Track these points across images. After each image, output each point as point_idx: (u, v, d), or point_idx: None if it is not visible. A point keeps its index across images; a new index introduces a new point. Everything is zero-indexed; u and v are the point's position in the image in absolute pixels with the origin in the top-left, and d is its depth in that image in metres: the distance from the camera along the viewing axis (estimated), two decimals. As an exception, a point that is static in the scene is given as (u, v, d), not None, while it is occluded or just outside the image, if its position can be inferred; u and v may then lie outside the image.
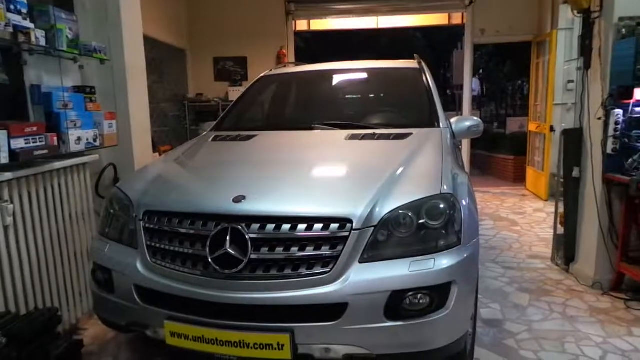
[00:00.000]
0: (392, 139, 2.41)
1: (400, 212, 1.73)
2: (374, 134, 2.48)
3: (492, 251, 3.99)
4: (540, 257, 3.83)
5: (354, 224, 1.67)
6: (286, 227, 1.67)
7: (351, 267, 1.65)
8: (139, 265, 1.84)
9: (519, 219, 5.08)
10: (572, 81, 5.90)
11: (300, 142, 2.53)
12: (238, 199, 1.76)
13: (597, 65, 3.11)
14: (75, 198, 2.61)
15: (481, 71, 20.32)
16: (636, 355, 2.32)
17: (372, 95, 3.22)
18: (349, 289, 1.62)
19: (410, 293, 1.64)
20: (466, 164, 6.61)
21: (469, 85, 6.96)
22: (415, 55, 3.51)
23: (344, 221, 1.68)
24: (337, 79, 3.36)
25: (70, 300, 2.56)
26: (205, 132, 3.07)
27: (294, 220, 1.68)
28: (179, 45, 6.53)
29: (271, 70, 3.67)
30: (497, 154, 8.84)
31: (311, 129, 2.71)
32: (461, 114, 7.95)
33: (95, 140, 2.71)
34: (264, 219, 1.70)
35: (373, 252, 1.68)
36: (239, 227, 1.68)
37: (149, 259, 1.83)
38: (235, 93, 6.47)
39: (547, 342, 2.45)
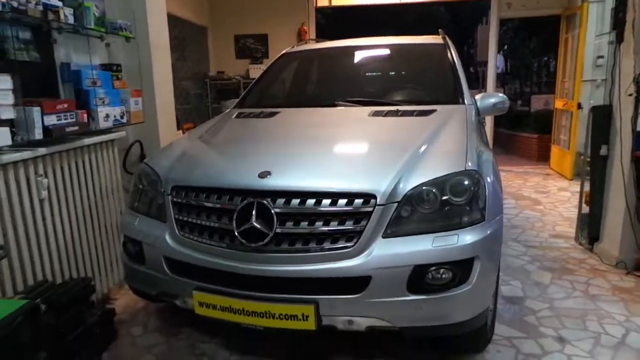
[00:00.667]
0: (416, 115, 2.40)
1: (424, 188, 1.74)
2: (398, 111, 2.47)
3: (514, 230, 3.97)
4: (563, 236, 3.79)
5: (377, 200, 1.69)
6: (311, 202, 1.70)
7: (375, 242, 1.68)
8: (167, 238, 1.91)
9: (542, 198, 5.02)
10: (602, 56, 5.71)
11: (324, 119, 2.54)
12: (263, 175, 1.79)
13: (630, 39, 3.00)
14: (104, 173, 2.69)
15: (506, 47, 19.77)
16: (660, 334, 2.31)
17: (395, 72, 3.19)
18: (373, 262, 1.65)
19: (433, 268, 1.66)
20: (490, 142, 6.52)
21: (494, 62, 6.79)
22: (439, 30, 3.45)
23: (368, 197, 1.70)
24: (359, 55, 3.33)
25: (102, 271, 2.66)
26: (228, 110, 3.10)
27: (319, 196, 1.71)
28: (201, 22, 6.53)
29: (293, 47, 3.66)
30: (521, 132, 8.68)
31: (334, 105, 2.72)
32: (484, 91, 7.79)
33: (122, 117, 2.77)
34: (289, 194, 1.73)
35: (396, 227, 1.70)
36: (265, 201, 1.71)
37: (177, 232, 1.89)
38: (256, 70, 6.47)
39: (569, 320, 2.45)
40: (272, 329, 1.72)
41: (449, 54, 3.01)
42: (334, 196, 1.70)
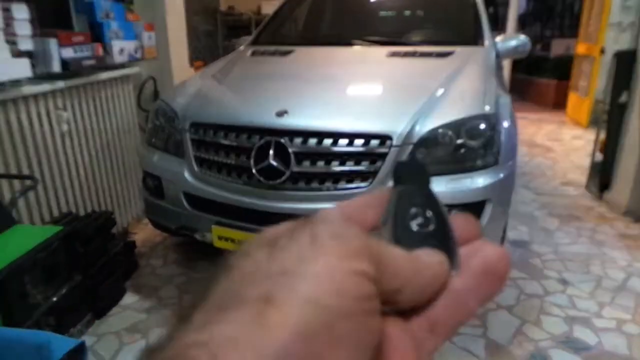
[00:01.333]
0: (435, 57, 2.35)
1: (440, 131, 1.75)
2: (416, 52, 2.41)
3: (524, 177, 3.98)
4: (573, 184, 3.81)
5: (393, 141, 1.70)
6: (327, 141, 1.72)
7: (389, 183, 1.71)
8: (186, 174, 1.96)
9: (556, 146, 4.98)
10: (632, -2, 5.42)
11: (340, 58, 2.50)
12: (281, 113, 1.80)
13: (665, -20, 2.85)
14: (120, 110, 2.71)
15: (529, -15, 18.69)
16: (660, 279, 2.39)
17: (414, 10, 3.08)
18: (387, 202, 1.69)
19: (447, 209, 1.70)
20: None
21: (516, 1, 6.49)
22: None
23: (384, 137, 1.71)
24: (378, -8, 3.21)
25: (121, 205, 2.76)
26: (242, 47, 3.04)
27: (335, 136, 1.72)
28: (211, -48, 6.24)
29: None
30: (539, 78, 8.44)
31: (351, 44, 2.66)
32: (504, 34, 7.50)
33: (136, 52, 2.74)
34: (306, 134, 1.75)
35: (411, 169, 1.72)
36: (282, 140, 1.74)
37: (195, 168, 1.93)
38: (269, 6, 6.23)
39: (572, 264, 2.53)
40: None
41: (471, -7, 2.89)
42: (351, 136, 1.72)
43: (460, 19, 2.84)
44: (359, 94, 2.03)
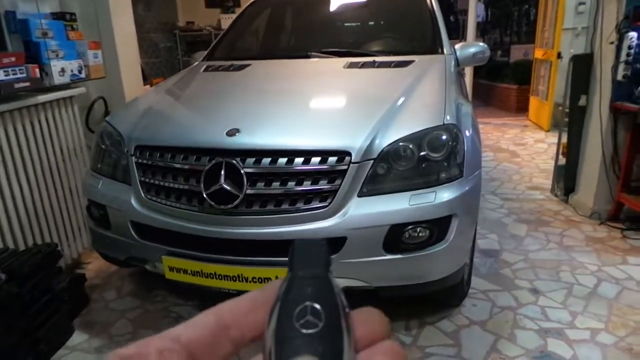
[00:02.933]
0: (393, 66, 2.28)
1: (401, 144, 1.67)
2: (374, 62, 2.34)
3: (492, 183, 3.98)
4: (540, 188, 3.82)
5: (352, 157, 1.61)
6: (282, 160, 1.61)
7: (350, 201, 1.61)
8: (133, 202, 1.81)
9: (520, 150, 5.03)
10: (584, 3, 5.58)
11: (296, 71, 2.41)
12: (232, 132, 1.68)
13: (615, -16, 2.89)
14: (64, 133, 2.52)
15: (487, -6, 19.26)
16: (630, 282, 2.36)
17: (372, 20, 3.03)
18: (348, 223, 1.59)
19: (410, 227, 1.61)
20: (469, 94, 6.45)
21: (474, 10, 6.58)
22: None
23: (342, 154, 1.61)
24: (335, 2, 3.14)
25: (70, 235, 2.56)
26: (196, 62, 2.92)
27: (291, 154, 1.61)
28: (166, -33, 6.09)
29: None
30: (500, 83, 8.60)
31: (308, 56, 2.57)
32: (464, 41, 7.63)
33: (80, 72, 2.57)
34: (259, 153, 1.63)
35: (372, 186, 1.63)
36: (234, 161, 1.62)
37: (142, 195, 1.79)
38: (228, 21, 6.11)
39: (543, 271, 2.49)
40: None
41: (428, 1, 2.86)
42: (307, 154, 1.61)
43: (418, 28, 2.80)
44: (315, 108, 1.92)
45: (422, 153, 1.68)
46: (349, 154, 1.61)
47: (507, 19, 21.25)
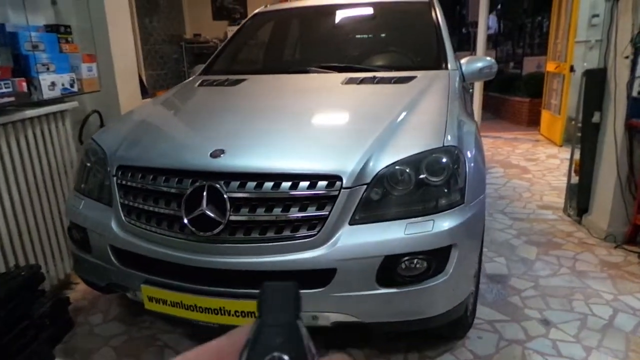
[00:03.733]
0: (394, 82, 2.17)
1: (397, 167, 1.55)
2: (374, 77, 2.23)
3: (500, 201, 3.82)
4: (551, 207, 3.65)
5: (344, 182, 1.49)
6: (268, 185, 1.50)
7: (340, 230, 1.49)
8: (113, 225, 1.71)
9: (531, 166, 4.86)
10: (597, 15, 5.44)
11: (292, 87, 2.30)
12: (216, 154, 1.58)
13: (630, -4, 2.76)
14: (54, 149, 2.44)
15: (498, 7, 19.15)
16: (648, 314, 2.20)
17: (374, 34, 2.93)
18: (338, 253, 1.47)
19: (406, 258, 1.48)
20: (478, 107, 6.30)
21: (484, 22, 6.47)
22: (424, -14, 3.15)
23: (332, 178, 1.50)
24: (336, 16, 3.04)
25: (57, 255, 2.47)
26: (193, 77, 2.84)
27: (277, 178, 1.50)
28: (173, -21, 6.09)
29: (266, 6, 3.36)
30: (512, 96, 8.43)
31: (306, 72, 2.47)
32: (475, 54, 7.51)
33: (72, 86, 2.50)
34: (244, 176, 1.52)
35: (365, 213, 1.51)
36: (217, 185, 1.51)
37: (123, 218, 1.69)
38: (234, 32, 6.10)
39: (554, 300, 2.33)
40: (227, 327, 1.55)
41: (433, 14, 2.75)
42: (295, 178, 1.50)
43: (421, 42, 2.69)
44: (306, 127, 1.81)
45: (420, 177, 1.56)
46: (339, 178, 1.49)
47: (520, 30, 21.09)
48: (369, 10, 3.01)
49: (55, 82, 2.37)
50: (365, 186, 1.52)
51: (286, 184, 1.49)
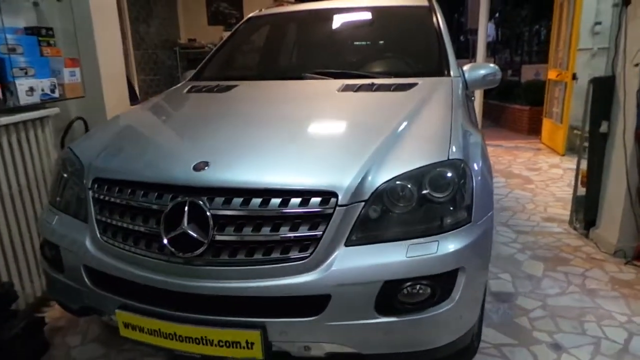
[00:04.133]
0: (394, 90, 2.04)
1: (398, 183, 1.41)
2: (372, 84, 2.10)
3: (503, 213, 3.68)
4: (556, 219, 3.52)
5: (339, 199, 1.35)
6: (256, 201, 1.35)
7: (335, 252, 1.35)
8: (88, 243, 1.56)
9: (534, 176, 4.73)
10: (600, 23, 5.35)
11: (286, 94, 2.17)
12: (199, 166, 1.44)
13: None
14: (32, 158, 2.30)
15: (497, 15, 19.18)
16: (665, 338, 2.05)
17: (373, 39, 2.79)
18: (333, 278, 1.33)
19: (408, 284, 1.34)
20: (479, 115, 6.18)
21: (484, 29, 6.37)
22: (425, -9, 3.04)
23: (327, 195, 1.35)
24: (333, 20, 2.91)
25: (34, 271, 2.31)
26: (183, 82, 2.71)
27: (266, 194, 1.36)
28: (168, -17, 5.98)
29: (261, 10, 3.24)
30: (512, 103, 8.33)
31: (301, 78, 2.34)
32: (474, 61, 7.42)
33: (53, 91, 2.36)
34: (229, 192, 1.38)
35: (363, 233, 1.37)
36: (199, 201, 1.37)
37: (98, 235, 1.54)
38: (230, 38, 5.98)
39: (565, 322, 2.18)
40: (210, 359, 1.41)
41: (434, 19, 2.63)
42: (285, 194, 1.35)
43: (422, 47, 2.56)
44: (299, 138, 1.66)
45: (423, 193, 1.42)
46: (335, 194, 1.35)
47: (518, 38, 21.13)
48: (367, 15, 2.89)
49: (34, 87, 2.23)
50: (362, 203, 1.38)
51: (276, 201, 1.35)
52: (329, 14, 2.95)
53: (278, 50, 3.00)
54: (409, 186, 1.42)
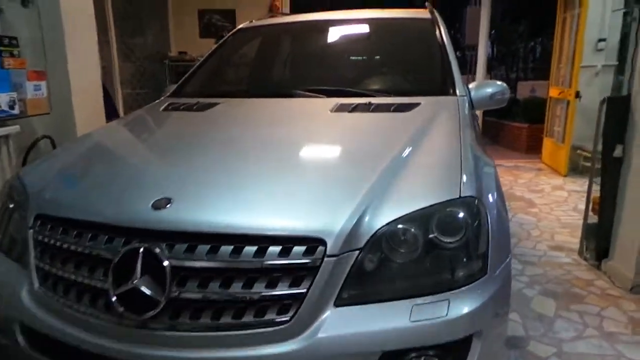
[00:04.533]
0: (393, 110, 1.80)
1: (400, 226, 1.16)
2: (370, 104, 1.86)
3: (507, 239, 3.43)
4: (564, 248, 3.27)
5: (328, 247, 1.10)
6: (226, 249, 1.10)
7: (323, 314, 1.09)
8: (24, 294, 1.29)
9: (537, 199, 4.50)
10: (604, 39, 5.19)
11: (271, 115, 1.93)
12: (160, 204, 1.19)
13: (659, 16, 2.45)
14: (-15, 182, 2.04)
15: (493, 32, 19.22)
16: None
17: (371, 53, 2.57)
18: (319, 348, 1.07)
19: (413, 355, 1.08)
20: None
21: (485, 45, 6.22)
22: (426, 3, 2.83)
23: (313, 242, 1.10)
24: (328, 32, 2.69)
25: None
26: (163, 97, 2.47)
27: (239, 240, 1.11)
28: (158, -6, 5.79)
29: (251, 21, 3.02)
30: (510, 121, 8.16)
31: (290, 95, 2.11)
32: (472, 79, 7.27)
33: (12, 107, 2.11)
34: (193, 237, 1.13)
35: (357, 290, 1.12)
36: (156, 248, 1.11)
37: (36, 286, 1.27)
38: (221, 51, 5.78)
39: (585, 375, 1.93)
40: None
41: (437, 32, 2.41)
42: (262, 241, 1.10)
43: (425, 64, 2.34)
44: (282, 170, 1.40)
45: (430, 237, 1.17)
46: (322, 242, 1.10)
47: (513, 55, 21.17)
48: (365, 27, 2.67)
49: (-12, 103, 1.99)
50: (357, 252, 1.13)
51: (250, 249, 1.10)
52: (323, 26, 2.73)
53: (268, 65, 2.77)
54: (413, 230, 1.17)
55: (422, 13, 2.65)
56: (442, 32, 2.39)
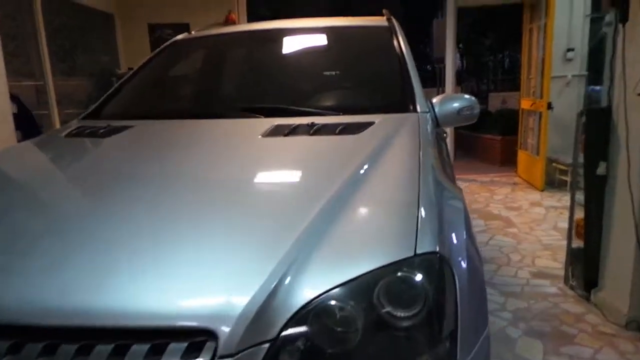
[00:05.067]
0: (340, 132, 1.46)
1: (334, 302, 0.81)
2: (312, 125, 1.51)
3: (486, 266, 3.12)
4: (548, 275, 2.97)
5: (220, 343, 0.73)
6: (68, 349, 0.72)
7: None
8: None
9: (515, 217, 4.23)
10: (572, 49, 5.04)
11: (184, 143, 1.54)
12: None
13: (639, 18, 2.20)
14: None
15: (460, 45, 19.42)
16: None
17: (320, 66, 2.22)
18: None
19: None
20: (451, 148, 5.70)
21: (452, 57, 6.00)
22: (384, 10, 2.54)
23: (199, 335, 0.74)
24: (273, 43, 2.34)
25: None
26: (75, 120, 2.09)
27: (91, 335, 0.73)
28: (104, 8, 5.38)
29: (191, 32, 2.69)
30: (482, 133, 7.98)
31: (220, 116, 1.75)
32: (443, 91, 7.07)
33: None
34: (25, 331, 0.74)
35: (266, 406, 0.75)
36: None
37: None
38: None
39: None
40: None
41: (395, 41, 2.10)
42: (124, 336, 0.73)
43: (380, 76, 2.02)
44: (169, 227, 1.00)
45: (375, 314, 0.82)
46: (212, 334, 0.73)
47: (483, 67, 21.46)
48: (313, 38, 2.34)
49: None
50: (267, 345, 0.76)
51: (104, 348, 0.72)
52: (268, 36, 2.40)
53: (202, 80, 2.41)
54: (352, 304, 0.82)
55: (379, 21, 2.35)
56: (401, 41, 2.08)
